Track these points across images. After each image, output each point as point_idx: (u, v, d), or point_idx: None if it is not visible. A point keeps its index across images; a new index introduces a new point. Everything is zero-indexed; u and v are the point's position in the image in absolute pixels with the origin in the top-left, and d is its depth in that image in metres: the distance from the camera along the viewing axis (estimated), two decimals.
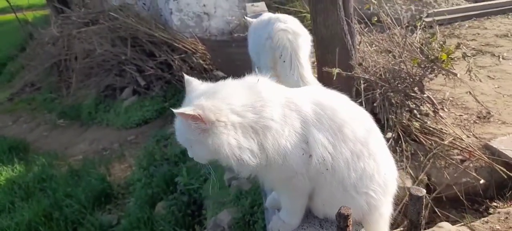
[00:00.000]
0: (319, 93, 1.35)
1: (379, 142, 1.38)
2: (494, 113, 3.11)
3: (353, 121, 1.29)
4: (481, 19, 5.80)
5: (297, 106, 1.25)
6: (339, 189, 1.28)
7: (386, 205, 1.40)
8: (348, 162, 1.26)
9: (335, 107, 1.28)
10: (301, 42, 2.21)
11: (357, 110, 1.39)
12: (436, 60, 2.50)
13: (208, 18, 6.05)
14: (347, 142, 1.26)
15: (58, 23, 7.11)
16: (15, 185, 4.44)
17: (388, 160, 1.42)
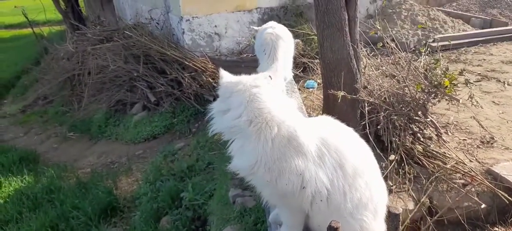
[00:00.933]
0: (327, 130, 1.46)
1: (374, 172, 1.53)
2: (497, 139, 3.15)
3: (355, 157, 1.43)
4: (487, 45, 5.87)
5: (298, 143, 1.37)
6: (334, 215, 1.39)
7: (377, 227, 1.53)
8: (345, 195, 1.39)
9: (340, 148, 1.41)
10: (280, 43, 2.81)
11: (358, 145, 1.53)
12: (439, 86, 2.56)
13: (218, 39, 6.20)
14: (346, 178, 1.39)
15: (73, 39, 7.34)
16: (24, 195, 4.52)
17: (381, 187, 1.56)
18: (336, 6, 2.44)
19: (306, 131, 1.42)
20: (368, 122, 2.68)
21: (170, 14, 6.43)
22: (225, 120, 1.40)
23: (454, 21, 6.66)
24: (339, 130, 1.52)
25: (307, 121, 1.57)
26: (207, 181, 3.72)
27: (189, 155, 4.48)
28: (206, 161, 4.14)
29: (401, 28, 6.34)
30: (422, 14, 6.67)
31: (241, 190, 2.91)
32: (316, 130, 1.45)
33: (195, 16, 5.93)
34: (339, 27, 2.49)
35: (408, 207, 2.48)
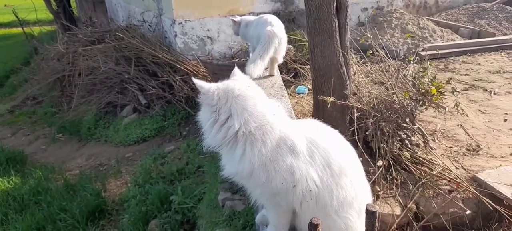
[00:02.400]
0: (315, 131, 1.52)
1: (359, 173, 1.59)
2: (483, 147, 3.21)
3: (341, 157, 1.48)
4: (475, 55, 5.99)
5: (292, 142, 1.42)
6: (321, 213, 1.44)
7: (361, 225, 1.56)
8: (332, 192, 1.44)
9: (327, 147, 1.46)
10: (276, 41, 3.28)
11: (344, 146, 1.58)
12: (426, 94, 2.61)
13: (211, 42, 6.22)
14: (334, 176, 1.44)
15: (64, 40, 7.28)
16: (10, 197, 4.44)
17: (365, 188, 1.63)
18: (327, 13, 2.48)
19: (296, 131, 1.47)
20: (357, 128, 2.71)
21: (162, 17, 6.43)
22: (221, 132, 1.41)
23: (443, 30, 6.79)
24: (325, 131, 1.58)
25: (295, 122, 1.61)
26: (197, 184, 3.72)
27: (179, 158, 4.47)
28: (196, 164, 4.14)
29: (391, 36, 6.44)
30: (412, 23, 6.79)
31: (230, 193, 2.91)
32: (304, 130, 1.50)
33: (188, 19, 5.94)
34: (329, 34, 2.53)
35: (395, 212, 2.51)
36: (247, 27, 3.64)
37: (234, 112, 1.39)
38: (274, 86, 3.05)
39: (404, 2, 7.61)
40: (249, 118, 1.38)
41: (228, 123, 1.40)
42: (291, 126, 1.49)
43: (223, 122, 1.40)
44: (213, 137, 1.42)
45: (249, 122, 1.38)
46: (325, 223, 1.44)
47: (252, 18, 3.65)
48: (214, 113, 1.41)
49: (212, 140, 1.42)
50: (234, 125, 1.38)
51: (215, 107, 1.41)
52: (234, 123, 1.38)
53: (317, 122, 1.64)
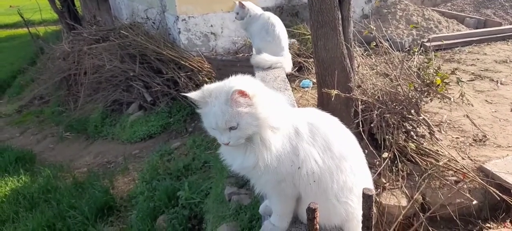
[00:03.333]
0: (315, 116, 1.54)
1: (360, 160, 1.59)
2: (490, 137, 3.19)
3: (340, 142, 1.49)
4: (481, 45, 5.93)
5: (296, 125, 1.45)
6: (322, 197, 1.45)
7: (361, 212, 1.55)
8: (332, 175, 1.44)
9: (326, 130, 1.48)
10: (277, 31, 3.59)
11: (345, 133, 1.59)
12: (431, 85, 2.60)
13: (214, 38, 6.23)
14: (334, 159, 1.45)
15: (69, 39, 7.33)
16: (20, 195, 4.52)
17: (367, 176, 1.62)
18: (330, 6, 2.47)
19: (298, 115, 1.50)
20: (362, 120, 2.71)
21: (166, 13, 6.44)
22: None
23: (449, 21, 6.72)
24: (325, 117, 1.58)
25: (296, 109, 1.65)
26: (203, 180, 3.75)
27: (185, 154, 4.50)
28: (202, 160, 4.16)
29: (396, 28, 6.39)
30: (417, 14, 6.72)
31: (236, 188, 2.93)
32: (305, 116, 1.52)
33: (191, 15, 5.95)
34: (332, 26, 2.52)
35: (401, 203, 2.52)
36: (251, 20, 3.64)
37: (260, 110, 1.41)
38: (276, 79, 3.06)
39: None
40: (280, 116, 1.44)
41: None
42: (293, 112, 1.52)
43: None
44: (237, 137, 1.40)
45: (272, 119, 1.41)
46: (326, 208, 1.46)
47: (258, 12, 3.63)
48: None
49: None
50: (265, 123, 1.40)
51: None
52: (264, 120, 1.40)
53: (316, 110, 1.65)
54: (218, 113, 1.32)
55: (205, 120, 1.41)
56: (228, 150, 1.48)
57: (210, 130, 1.42)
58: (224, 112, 1.32)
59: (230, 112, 1.31)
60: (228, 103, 1.32)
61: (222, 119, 1.32)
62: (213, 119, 1.34)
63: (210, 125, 1.38)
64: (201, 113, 1.42)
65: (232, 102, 1.31)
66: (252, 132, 1.35)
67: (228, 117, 1.31)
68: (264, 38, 3.49)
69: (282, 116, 1.42)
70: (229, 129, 1.33)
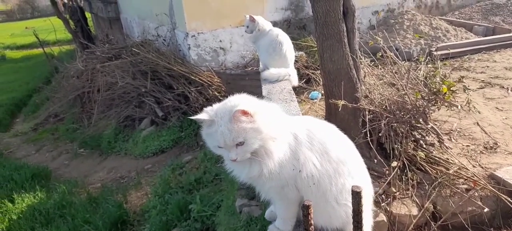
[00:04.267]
0: (312, 123, 1.63)
1: (358, 164, 1.64)
2: (501, 144, 3.17)
3: (337, 147, 1.56)
4: (490, 53, 5.90)
5: (295, 132, 1.53)
6: (322, 200, 1.52)
7: (366, 217, 1.58)
8: (331, 178, 1.51)
9: (323, 136, 1.57)
10: (284, 50, 3.65)
11: (342, 138, 1.66)
12: (438, 93, 2.62)
13: (224, 53, 6.34)
14: (331, 162, 1.52)
15: (83, 57, 7.54)
16: (36, 211, 4.62)
17: (365, 179, 1.67)
18: (335, 18, 2.53)
19: (296, 122, 1.60)
20: (370, 130, 2.73)
21: (176, 30, 6.59)
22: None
23: (457, 29, 6.72)
24: (322, 124, 1.66)
25: (293, 117, 1.74)
26: (215, 193, 3.79)
27: (196, 167, 4.56)
28: (213, 173, 4.21)
29: (403, 38, 6.41)
30: (425, 24, 6.74)
31: (247, 199, 2.96)
32: (302, 123, 1.61)
33: (200, 31, 6.08)
34: (338, 38, 2.58)
35: (412, 212, 2.52)
36: (260, 35, 3.71)
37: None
38: (283, 91, 3.13)
39: (415, 3, 7.58)
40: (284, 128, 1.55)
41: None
42: (292, 120, 1.62)
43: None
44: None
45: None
46: (326, 211, 1.53)
47: (267, 27, 3.70)
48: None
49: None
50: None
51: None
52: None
53: (314, 118, 1.73)
54: (225, 132, 1.41)
55: (211, 139, 1.48)
56: (234, 165, 1.56)
57: (216, 149, 1.49)
58: (230, 130, 1.40)
59: (236, 129, 1.40)
60: (232, 121, 1.40)
61: (230, 136, 1.40)
62: (221, 138, 1.41)
63: (217, 143, 1.45)
64: (206, 133, 1.50)
65: (235, 120, 1.40)
66: (258, 145, 1.43)
67: (235, 134, 1.40)
68: (271, 55, 3.57)
69: (281, 126, 1.51)
70: (236, 145, 1.41)
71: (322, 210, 1.53)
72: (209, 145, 1.52)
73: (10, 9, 45.93)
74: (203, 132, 1.52)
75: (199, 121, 1.48)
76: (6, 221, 4.57)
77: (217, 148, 1.48)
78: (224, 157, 1.50)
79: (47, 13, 31.24)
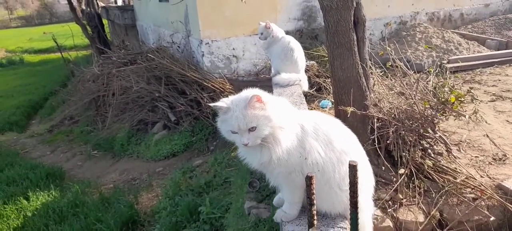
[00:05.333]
0: (318, 117, 1.78)
1: (359, 155, 1.75)
2: (509, 156, 3.18)
3: (340, 138, 1.69)
4: (503, 66, 5.89)
5: (302, 124, 1.68)
6: (326, 186, 1.64)
7: (366, 204, 1.75)
8: (334, 166, 1.63)
9: (327, 128, 1.70)
10: (295, 56, 3.73)
11: (345, 132, 1.79)
12: (446, 103, 2.66)
13: (236, 61, 6.46)
14: (334, 151, 1.64)
15: (99, 62, 7.76)
16: (50, 209, 4.75)
17: (366, 168, 1.79)
18: (345, 28, 2.61)
19: (303, 116, 1.75)
20: (379, 137, 2.78)
21: (190, 38, 6.75)
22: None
23: (469, 43, 6.72)
24: (327, 118, 1.81)
25: (302, 111, 1.93)
26: (224, 196, 3.86)
27: (207, 171, 4.65)
28: (223, 177, 4.29)
29: (415, 50, 6.44)
30: (437, 37, 6.77)
31: (256, 202, 3.03)
32: (309, 116, 1.77)
33: (214, 39, 6.22)
34: (348, 47, 2.65)
35: (418, 219, 2.55)
36: (273, 41, 3.81)
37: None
38: (293, 95, 3.22)
39: (428, 16, 7.61)
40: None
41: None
42: (300, 113, 1.78)
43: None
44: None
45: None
46: (330, 197, 1.66)
47: (280, 35, 3.81)
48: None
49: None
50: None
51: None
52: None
53: (320, 113, 1.89)
54: (240, 117, 1.55)
55: (226, 125, 1.62)
56: (246, 151, 1.70)
57: (229, 135, 1.63)
58: (244, 115, 1.55)
59: (250, 115, 1.55)
60: (247, 108, 1.55)
61: (244, 121, 1.54)
62: (235, 122, 1.55)
63: (231, 128, 1.58)
64: (221, 120, 1.64)
65: (250, 106, 1.55)
66: (267, 132, 1.57)
67: (248, 119, 1.54)
68: (283, 60, 3.68)
69: (289, 117, 1.66)
70: (249, 130, 1.55)
71: (326, 196, 1.65)
72: (223, 131, 1.65)
73: (29, 15, 47.24)
74: (218, 119, 1.66)
75: (217, 108, 1.61)
76: (21, 218, 4.72)
77: (230, 133, 1.61)
78: (237, 142, 1.62)
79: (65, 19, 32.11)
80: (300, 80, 3.65)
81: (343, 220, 1.72)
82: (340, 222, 1.72)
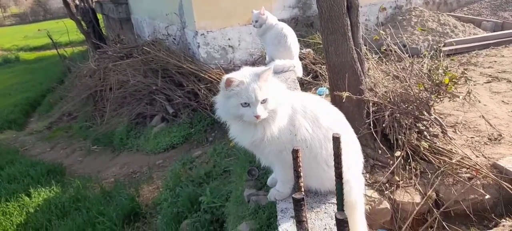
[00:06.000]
0: (307, 97, 1.88)
1: (346, 133, 1.83)
2: (505, 136, 3.22)
3: (327, 116, 1.79)
4: (498, 48, 5.90)
5: (292, 103, 1.77)
6: (314, 163, 1.73)
7: (355, 181, 1.82)
8: (321, 143, 1.71)
9: (314, 107, 1.80)
10: (289, 42, 3.74)
11: (333, 111, 1.88)
12: (441, 84, 2.68)
13: (232, 51, 6.45)
14: (321, 128, 1.73)
15: (95, 57, 7.73)
16: (52, 204, 4.80)
17: (354, 145, 1.87)
18: (339, 13, 2.61)
19: (294, 96, 1.85)
20: (374, 121, 2.81)
21: (185, 29, 6.73)
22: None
23: (465, 25, 6.72)
24: (315, 99, 1.91)
25: (292, 92, 2.00)
26: (224, 185, 3.89)
27: (206, 162, 4.68)
28: (222, 166, 4.32)
29: (411, 34, 6.44)
30: (432, 20, 6.76)
31: (255, 190, 3.06)
32: (299, 97, 1.86)
33: (209, 30, 6.20)
34: (342, 32, 2.66)
35: (415, 200, 2.59)
36: (267, 28, 3.85)
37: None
38: (287, 80, 3.28)
39: (423, 0, 7.59)
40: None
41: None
42: (291, 93, 1.87)
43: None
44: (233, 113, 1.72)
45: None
46: (318, 173, 1.75)
47: (273, 22, 3.86)
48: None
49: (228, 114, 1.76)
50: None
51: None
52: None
53: (308, 94, 2.00)
54: (256, 88, 1.63)
55: (235, 99, 1.66)
56: (239, 130, 1.77)
57: (238, 109, 1.66)
58: (260, 86, 1.64)
59: (264, 87, 1.64)
60: (260, 80, 1.64)
61: (260, 92, 1.63)
62: (252, 93, 1.62)
63: (244, 100, 1.64)
64: (229, 95, 1.68)
65: (263, 79, 1.64)
66: (274, 106, 1.67)
67: (263, 91, 1.63)
68: (277, 47, 3.71)
69: (285, 95, 1.76)
70: (261, 102, 1.64)
71: (315, 173, 1.75)
72: (230, 106, 1.69)
73: (23, 12, 46.85)
74: (224, 95, 1.70)
75: (228, 81, 1.66)
76: (24, 214, 4.76)
77: (240, 107, 1.65)
78: (246, 115, 1.65)
79: (59, 15, 31.86)
80: (294, 66, 3.68)
81: (333, 196, 1.78)
82: (331, 198, 1.80)
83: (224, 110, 1.72)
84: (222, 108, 1.73)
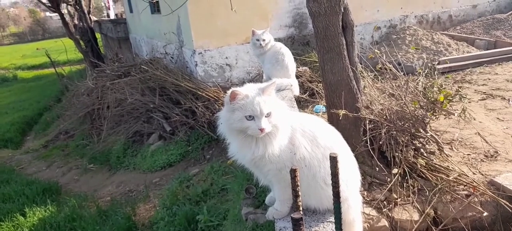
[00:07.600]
0: (305, 117, 1.93)
1: (344, 151, 1.86)
2: (501, 153, 3.24)
3: (325, 136, 1.81)
4: (492, 66, 5.99)
5: (291, 122, 1.79)
6: (313, 182, 1.74)
7: (353, 199, 1.84)
8: (319, 161, 1.73)
9: (312, 126, 1.82)
10: (286, 61, 3.83)
11: (330, 130, 1.91)
12: (436, 102, 2.72)
13: (230, 69, 6.51)
14: (319, 147, 1.75)
15: (93, 76, 7.76)
16: (47, 224, 4.72)
17: (352, 164, 1.89)
18: (334, 32, 2.67)
19: (293, 116, 1.87)
20: (371, 138, 2.83)
21: (183, 48, 6.80)
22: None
23: (459, 43, 6.83)
24: (313, 118, 1.94)
25: (291, 112, 2.02)
26: (221, 203, 3.87)
27: (203, 180, 4.65)
28: (220, 184, 4.30)
29: (405, 52, 6.53)
30: (426, 39, 6.87)
31: (253, 208, 3.04)
32: (299, 117, 1.89)
33: (207, 49, 6.27)
34: (338, 51, 2.70)
35: (413, 217, 2.58)
36: (265, 48, 3.94)
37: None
38: (285, 99, 3.32)
39: (417, 19, 7.73)
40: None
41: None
42: (290, 113, 1.89)
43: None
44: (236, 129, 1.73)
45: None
46: (317, 191, 1.76)
47: (272, 41, 3.97)
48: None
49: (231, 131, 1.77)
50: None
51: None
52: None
53: (306, 114, 2.05)
54: (261, 101, 1.65)
55: (240, 112, 1.67)
56: (240, 146, 1.77)
57: (243, 122, 1.68)
58: (265, 100, 1.66)
59: (268, 101, 1.67)
60: (265, 94, 1.67)
61: (264, 105, 1.65)
62: (257, 107, 1.64)
63: (249, 113, 1.66)
64: (234, 108, 1.69)
65: (266, 93, 1.67)
66: (277, 121, 1.69)
67: (268, 104, 1.66)
68: (274, 65, 3.78)
69: (286, 113, 1.79)
70: (265, 115, 1.66)
71: (313, 191, 1.76)
72: (234, 119, 1.69)
73: (22, 31, 47.16)
74: (228, 108, 1.71)
75: (233, 94, 1.68)
76: None
77: (244, 120, 1.67)
78: (250, 128, 1.66)
79: (58, 35, 32.09)
80: (291, 85, 3.72)
81: (332, 214, 1.81)
82: (329, 216, 1.80)
83: (227, 124, 1.72)
84: (225, 122, 1.73)
